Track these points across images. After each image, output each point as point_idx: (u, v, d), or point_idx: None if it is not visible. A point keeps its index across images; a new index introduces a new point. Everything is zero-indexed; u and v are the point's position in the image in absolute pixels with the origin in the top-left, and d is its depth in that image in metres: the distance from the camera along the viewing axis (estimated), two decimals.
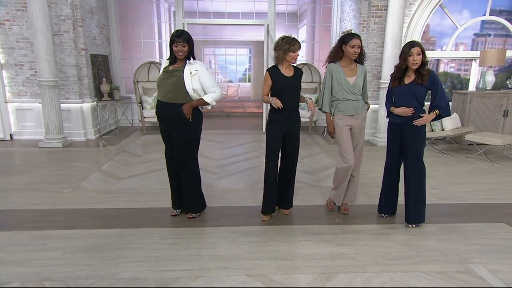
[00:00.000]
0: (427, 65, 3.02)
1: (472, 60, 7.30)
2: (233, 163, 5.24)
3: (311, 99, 3.25)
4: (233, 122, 9.07)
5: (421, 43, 3.02)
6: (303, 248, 2.86)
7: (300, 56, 3.53)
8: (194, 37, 3.17)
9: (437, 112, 3.03)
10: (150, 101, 7.14)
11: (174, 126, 3.12)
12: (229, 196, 3.95)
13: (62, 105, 6.14)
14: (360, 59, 3.24)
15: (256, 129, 7.78)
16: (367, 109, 3.40)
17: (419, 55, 2.94)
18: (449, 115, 3.18)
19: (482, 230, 3.20)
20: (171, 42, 3.00)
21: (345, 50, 3.17)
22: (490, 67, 6.41)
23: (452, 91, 6.74)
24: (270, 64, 3.50)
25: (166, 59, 3.17)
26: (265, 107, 7.38)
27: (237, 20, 8.32)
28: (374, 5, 6.35)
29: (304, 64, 7.71)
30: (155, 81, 3.19)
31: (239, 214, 3.49)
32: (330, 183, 3.65)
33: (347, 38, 3.14)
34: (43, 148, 5.87)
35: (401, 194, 3.32)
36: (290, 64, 3.16)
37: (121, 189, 4.12)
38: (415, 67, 2.98)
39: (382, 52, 6.31)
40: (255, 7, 8.43)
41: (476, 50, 7.26)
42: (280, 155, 3.32)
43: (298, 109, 3.28)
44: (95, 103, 6.75)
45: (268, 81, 3.14)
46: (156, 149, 5.71)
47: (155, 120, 3.45)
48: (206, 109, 3.26)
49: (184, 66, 3.04)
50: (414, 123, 3.04)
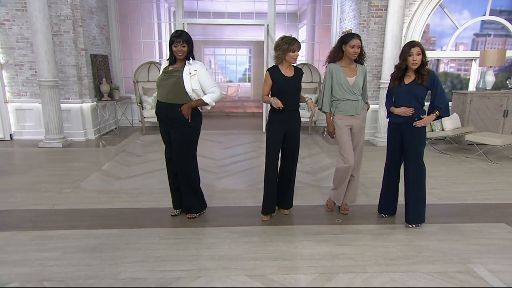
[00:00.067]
0: (427, 65, 3.02)
1: (472, 60, 7.30)
2: (233, 163, 5.24)
3: (311, 99, 3.24)
4: (233, 122, 9.07)
5: (421, 43, 3.02)
6: (303, 248, 2.86)
7: (300, 56, 3.52)
8: (194, 37, 3.17)
9: (437, 113, 3.03)
10: (150, 101, 7.14)
11: (174, 127, 3.11)
12: (229, 196, 3.95)
13: (62, 105, 6.14)
14: (360, 59, 3.24)
15: (256, 129, 7.78)
16: (367, 109, 3.40)
17: (419, 55, 2.94)
18: (449, 115, 3.19)
19: (482, 230, 3.20)
20: (171, 43, 3.00)
21: (345, 50, 3.17)
22: (490, 67, 6.41)
23: (452, 91, 6.74)
24: (270, 64, 3.50)
25: (166, 60, 3.17)
26: (265, 107, 7.38)
27: (237, 20, 8.33)
28: (374, 5, 6.35)
29: (304, 64, 7.71)
30: (155, 81, 3.19)
31: (239, 214, 3.49)
32: (330, 183, 3.64)
33: (347, 38, 3.14)
34: (43, 148, 5.87)
35: (401, 194, 3.32)
36: (291, 64, 3.16)
37: (121, 189, 4.12)
38: (415, 67, 2.98)
39: (382, 52, 6.31)
40: (255, 7, 8.43)
41: (476, 50, 7.26)
42: (280, 155, 3.32)
43: (298, 109, 3.28)
44: (95, 103, 6.75)
45: (269, 81, 3.13)
46: (156, 149, 5.71)
47: (155, 120, 3.45)
48: (206, 109, 3.26)
49: (184, 67, 3.04)
50: (414, 125, 3.05)
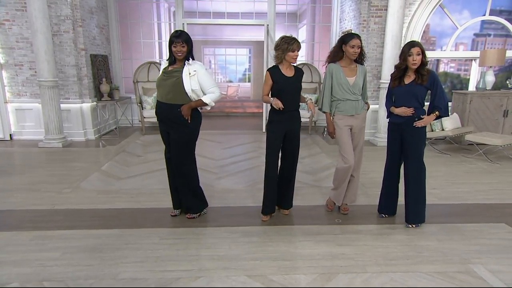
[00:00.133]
0: (427, 65, 3.02)
1: (472, 60, 7.30)
2: (233, 163, 5.24)
3: (311, 100, 3.24)
4: (233, 122, 9.07)
5: (421, 43, 3.01)
6: (303, 249, 2.86)
7: (300, 56, 3.52)
8: (194, 37, 3.16)
9: (437, 114, 3.03)
10: (150, 101, 7.14)
11: (173, 127, 3.11)
12: (229, 196, 3.95)
13: (62, 105, 6.14)
14: (360, 59, 3.24)
15: (256, 129, 7.78)
16: (367, 109, 3.40)
17: (419, 55, 2.94)
18: (448, 115, 3.19)
19: (482, 230, 3.20)
20: (170, 43, 3.00)
21: (345, 50, 3.16)
22: (490, 67, 6.41)
23: (452, 91, 6.74)
24: (270, 64, 3.50)
25: (166, 60, 3.17)
26: (265, 107, 7.37)
27: (237, 20, 8.33)
28: (374, 5, 6.34)
29: (304, 64, 7.71)
30: (155, 81, 3.19)
31: (239, 214, 3.49)
32: (330, 183, 3.64)
33: (347, 38, 3.14)
34: (43, 148, 5.87)
35: (401, 194, 3.32)
36: (291, 64, 3.15)
37: (121, 189, 4.12)
38: (415, 67, 2.98)
39: (382, 52, 6.31)
40: (255, 7, 8.43)
41: (476, 50, 7.26)
42: (280, 155, 3.32)
43: (299, 109, 3.28)
44: (95, 103, 6.74)
45: (269, 81, 3.13)
46: (156, 149, 5.71)
47: (155, 120, 3.45)
48: (206, 110, 3.26)
49: (183, 67, 3.03)
50: (415, 125, 3.04)
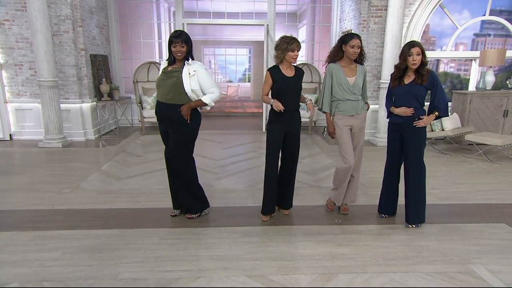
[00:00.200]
0: (427, 65, 3.02)
1: (472, 60, 7.30)
2: (233, 163, 5.24)
3: (311, 101, 3.24)
4: (233, 122, 9.07)
5: (421, 43, 3.01)
6: (303, 249, 2.86)
7: (300, 56, 3.52)
8: (194, 37, 3.17)
9: (437, 114, 3.03)
10: (150, 101, 7.14)
11: (173, 127, 3.11)
12: (229, 196, 3.95)
13: (62, 105, 6.13)
14: (360, 60, 3.24)
15: (256, 129, 7.78)
16: (367, 109, 3.39)
17: (419, 55, 2.94)
18: (448, 115, 3.19)
19: (482, 231, 3.20)
20: (170, 43, 3.00)
21: (345, 50, 3.16)
22: (490, 67, 6.41)
23: (452, 91, 6.74)
24: (270, 64, 3.50)
25: (165, 60, 3.17)
26: (265, 107, 7.37)
27: (237, 20, 8.32)
28: (374, 5, 6.34)
29: (304, 64, 7.70)
30: (155, 81, 3.18)
31: (239, 215, 3.49)
32: (330, 184, 3.64)
33: (347, 38, 3.14)
34: (43, 148, 5.87)
35: (401, 195, 3.31)
36: (291, 64, 3.15)
37: (121, 190, 4.12)
38: (415, 67, 2.98)
39: (382, 52, 6.31)
40: (255, 7, 8.43)
41: (476, 50, 7.26)
42: (280, 155, 3.32)
43: (299, 109, 3.27)
44: (95, 103, 6.74)
45: (269, 81, 3.13)
46: (156, 149, 5.71)
47: (155, 120, 3.44)
48: (206, 110, 3.26)
49: (183, 67, 3.03)
50: (415, 125, 3.04)
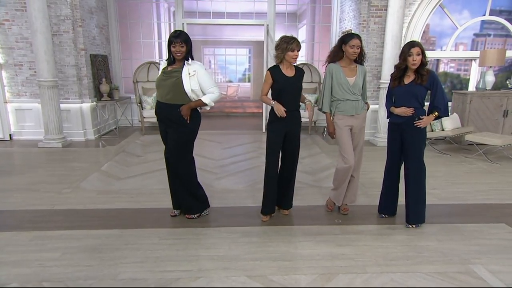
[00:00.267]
0: (427, 65, 3.02)
1: (472, 60, 7.30)
2: (233, 163, 5.23)
3: (310, 101, 3.24)
4: (233, 122, 9.07)
5: (421, 43, 3.01)
6: (303, 249, 2.86)
7: (300, 56, 3.51)
8: (194, 37, 3.17)
9: (437, 114, 3.03)
10: (150, 101, 7.14)
11: (173, 127, 3.11)
12: (229, 197, 3.95)
13: (62, 105, 6.13)
14: (360, 60, 3.24)
15: (256, 129, 7.78)
16: (367, 109, 3.39)
17: (419, 55, 2.93)
18: (448, 115, 3.18)
19: (482, 231, 3.20)
20: (169, 43, 3.00)
21: (345, 50, 3.16)
22: (490, 67, 6.41)
23: (452, 91, 6.74)
24: (270, 64, 3.50)
25: (165, 60, 3.16)
26: (265, 107, 7.37)
27: (237, 20, 8.32)
28: (374, 5, 6.34)
29: (304, 64, 7.70)
30: (155, 82, 3.18)
31: (239, 215, 3.48)
32: (330, 184, 3.64)
33: (347, 38, 3.14)
34: (43, 148, 5.87)
35: (401, 195, 3.31)
36: (292, 64, 3.15)
37: (121, 190, 4.12)
38: (415, 67, 2.98)
39: (382, 52, 6.30)
40: (255, 7, 8.43)
41: (476, 50, 7.26)
42: (281, 155, 3.31)
43: (299, 109, 3.27)
44: (95, 103, 6.74)
45: (269, 80, 3.13)
46: (156, 149, 5.71)
47: (155, 120, 3.44)
48: (205, 110, 3.26)
49: (183, 67, 3.03)
50: (415, 124, 3.04)
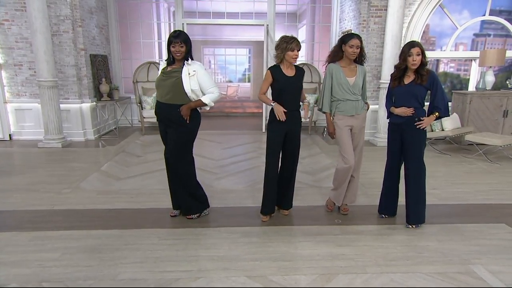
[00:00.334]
0: (427, 66, 3.01)
1: (472, 60, 7.30)
2: (233, 164, 5.23)
3: (308, 102, 3.24)
4: (233, 122, 9.06)
5: (421, 43, 3.01)
6: (303, 249, 2.85)
7: (300, 56, 3.51)
8: (194, 37, 3.16)
9: (437, 115, 3.03)
10: (150, 101, 7.13)
11: (172, 127, 3.11)
12: (229, 197, 3.94)
13: (62, 105, 6.13)
14: (360, 60, 3.24)
15: (256, 129, 7.77)
16: (367, 109, 3.39)
17: (419, 56, 2.93)
18: (448, 115, 3.18)
19: (482, 231, 3.20)
20: (169, 43, 2.99)
21: (344, 50, 3.16)
22: (490, 67, 6.41)
23: (452, 91, 6.74)
24: (270, 64, 3.49)
25: (164, 60, 3.16)
26: (265, 107, 7.37)
27: (237, 20, 8.32)
28: (374, 5, 6.34)
29: (304, 64, 7.70)
30: (155, 82, 3.18)
31: (239, 215, 3.48)
32: (330, 184, 3.64)
33: (347, 38, 3.15)
34: (42, 149, 5.86)
35: (401, 195, 3.31)
36: (292, 64, 3.15)
37: (121, 190, 4.11)
38: (415, 68, 2.98)
39: (382, 52, 6.30)
40: (255, 7, 8.42)
41: (476, 50, 7.26)
42: (281, 155, 3.31)
43: (299, 109, 3.27)
44: (95, 103, 6.74)
45: (269, 79, 3.12)
46: (156, 150, 5.70)
47: (155, 120, 3.44)
48: (205, 110, 3.25)
49: (182, 67, 3.03)
50: (416, 125, 3.04)
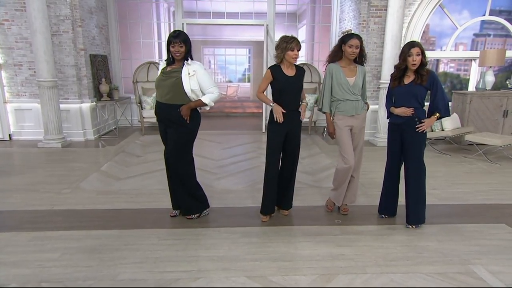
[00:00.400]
0: (427, 66, 3.01)
1: (472, 60, 7.30)
2: (233, 164, 5.23)
3: (307, 103, 3.24)
4: (233, 122, 9.06)
5: (421, 44, 3.01)
6: (303, 249, 2.85)
7: (300, 56, 3.51)
8: (193, 37, 3.17)
9: (438, 116, 3.03)
10: (150, 101, 7.13)
11: (172, 127, 3.10)
12: (229, 197, 3.94)
13: (61, 105, 6.12)
14: (360, 60, 3.23)
15: (256, 129, 7.77)
16: (367, 110, 3.39)
17: (419, 56, 2.93)
18: (449, 115, 3.18)
19: (482, 231, 3.20)
20: (168, 43, 2.99)
21: (344, 50, 3.16)
22: (490, 67, 6.41)
23: (452, 91, 6.74)
24: (270, 64, 3.49)
25: (164, 60, 3.16)
26: (265, 107, 7.37)
27: (237, 20, 8.32)
28: (374, 5, 6.34)
29: (304, 64, 7.69)
30: (154, 82, 3.18)
31: (239, 215, 3.48)
32: (330, 184, 3.64)
33: (346, 38, 3.15)
34: (42, 149, 5.86)
35: (401, 195, 3.31)
36: (292, 64, 3.14)
37: (120, 190, 4.11)
38: (414, 68, 2.98)
39: (382, 52, 6.30)
40: (255, 7, 8.42)
41: (476, 50, 7.25)
42: (281, 155, 3.31)
43: (299, 109, 3.27)
44: (94, 103, 6.73)
45: (269, 78, 3.12)
46: (156, 150, 5.70)
47: (155, 121, 3.44)
48: (205, 110, 3.25)
49: (182, 67, 3.03)
50: (417, 129, 3.04)
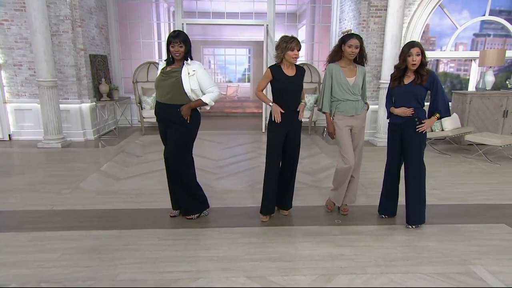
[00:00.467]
0: (427, 66, 3.01)
1: (472, 60, 7.30)
2: (233, 164, 5.23)
3: (305, 103, 3.24)
4: (233, 122, 9.06)
5: (421, 44, 3.01)
6: (303, 249, 2.85)
7: (300, 56, 3.51)
8: (193, 37, 3.17)
9: (438, 116, 3.03)
10: (149, 101, 7.13)
11: (172, 127, 3.10)
12: (229, 197, 3.94)
13: (61, 106, 6.12)
14: (361, 60, 3.23)
15: (256, 130, 7.77)
16: (367, 110, 3.39)
17: (418, 56, 2.93)
18: (449, 115, 3.18)
19: (482, 231, 3.19)
20: (168, 43, 2.99)
21: (344, 50, 3.16)
22: (490, 67, 6.40)
23: (452, 91, 6.74)
24: (270, 64, 3.49)
25: (164, 60, 3.16)
26: (265, 108, 7.37)
27: (237, 20, 8.32)
28: (374, 5, 6.34)
29: (304, 64, 7.69)
30: (154, 82, 3.18)
31: (239, 215, 3.48)
32: (330, 184, 3.64)
33: (346, 38, 3.15)
34: (42, 149, 5.86)
35: (401, 195, 3.31)
36: (292, 64, 3.14)
37: (120, 190, 4.11)
38: (414, 68, 2.98)
39: (382, 52, 6.30)
40: (255, 7, 8.42)
41: (476, 50, 7.25)
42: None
43: (298, 109, 3.26)
44: (94, 104, 6.73)
45: (269, 77, 3.13)
46: (155, 150, 5.70)
47: (155, 121, 3.44)
48: (205, 110, 3.25)
49: (182, 67, 3.03)
50: (417, 130, 3.04)
